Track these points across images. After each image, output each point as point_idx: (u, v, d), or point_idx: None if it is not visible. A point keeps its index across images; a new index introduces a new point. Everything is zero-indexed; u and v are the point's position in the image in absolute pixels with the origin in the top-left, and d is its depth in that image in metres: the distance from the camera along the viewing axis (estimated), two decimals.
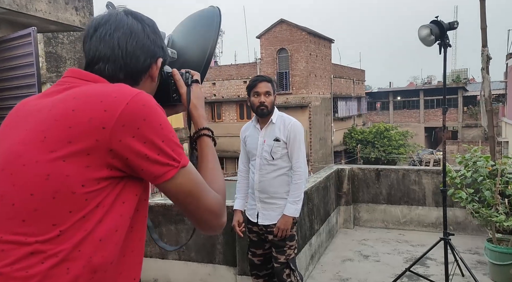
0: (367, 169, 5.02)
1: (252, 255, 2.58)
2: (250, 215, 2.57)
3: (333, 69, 23.98)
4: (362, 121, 30.22)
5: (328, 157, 22.81)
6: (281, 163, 2.46)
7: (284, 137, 2.44)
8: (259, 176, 2.48)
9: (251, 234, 2.58)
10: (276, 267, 2.44)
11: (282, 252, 2.43)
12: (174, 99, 1.01)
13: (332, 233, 4.57)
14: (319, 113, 21.87)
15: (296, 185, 2.43)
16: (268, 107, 2.45)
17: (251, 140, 2.56)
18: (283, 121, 2.49)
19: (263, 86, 2.44)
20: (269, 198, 2.47)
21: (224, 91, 22.07)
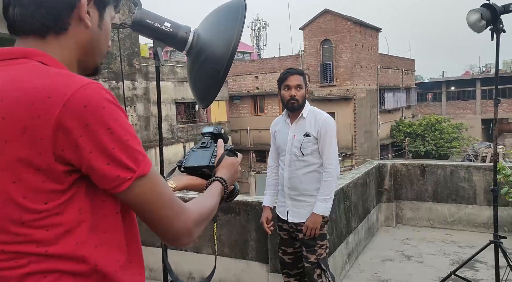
0: (411, 164, 4.75)
1: (282, 253, 2.53)
2: (280, 212, 2.51)
3: (380, 59, 23.03)
4: (411, 113, 28.82)
5: (373, 151, 22.06)
6: (311, 159, 2.37)
7: (314, 133, 2.35)
8: (288, 172, 2.41)
9: (281, 232, 2.53)
10: (307, 266, 2.37)
11: (312, 251, 2.36)
12: (211, 162, 1.10)
13: (371, 231, 4.38)
14: (365, 105, 21.16)
15: (327, 183, 2.34)
16: (299, 101, 2.36)
17: (280, 135, 2.49)
18: (314, 116, 2.39)
19: (294, 79, 2.36)
20: (299, 195, 2.40)
21: (266, 84, 22.01)
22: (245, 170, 20.45)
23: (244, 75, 22.58)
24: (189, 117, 18.09)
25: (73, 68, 0.79)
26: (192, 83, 2.28)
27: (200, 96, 2.24)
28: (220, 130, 1.23)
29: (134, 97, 14.52)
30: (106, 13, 0.83)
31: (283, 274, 2.55)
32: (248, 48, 35.45)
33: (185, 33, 2.05)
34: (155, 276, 3.49)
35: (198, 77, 2.21)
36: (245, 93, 22.60)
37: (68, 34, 0.77)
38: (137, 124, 14.59)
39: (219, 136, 1.21)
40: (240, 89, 22.69)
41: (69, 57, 0.78)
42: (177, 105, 16.93)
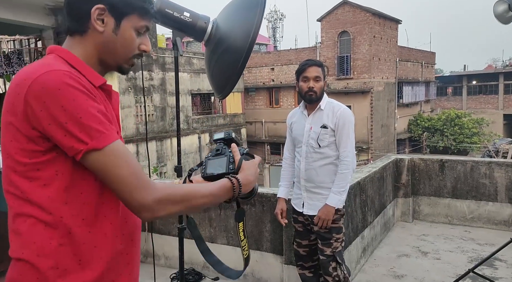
0: (429, 159, 4.65)
1: (297, 245, 2.52)
2: (296, 204, 2.49)
3: (399, 52, 22.57)
4: (430, 107, 28.25)
5: (390, 145, 21.76)
6: (328, 151, 2.34)
7: (332, 125, 2.33)
8: (305, 164, 2.39)
9: (296, 224, 2.51)
10: (322, 259, 2.36)
11: (328, 244, 2.34)
12: (229, 169, 1.11)
13: (387, 226, 4.33)
14: (382, 99, 20.83)
15: (342, 175, 2.31)
16: (317, 93, 2.33)
17: (297, 126, 2.47)
18: (332, 108, 2.36)
19: (312, 70, 2.33)
20: (315, 188, 2.38)
21: (282, 76, 21.88)
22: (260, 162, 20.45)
23: (260, 67, 22.49)
24: (205, 108, 18.17)
25: (94, 64, 0.97)
26: (210, 74, 2.28)
27: (218, 87, 2.23)
28: (231, 135, 1.21)
29: (151, 88, 14.64)
30: (124, 21, 0.96)
31: (298, 266, 2.55)
32: (265, 40, 35.22)
33: (204, 23, 2.04)
34: (170, 264, 3.55)
35: (216, 68, 2.21)
36: (261, 85, 22.52)
37: (87, 35, 0.95)
38: (153, 114, 14.73)
39: (231, 141, 1.19)
40: (255, 81, 22.62)
41: (89, 54, 0.96)
42: (192, 96, 17.01)
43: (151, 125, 14.64)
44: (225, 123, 18.78)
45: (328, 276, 2.35)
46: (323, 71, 2.36)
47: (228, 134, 1.21)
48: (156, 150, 14.71)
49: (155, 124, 14.79)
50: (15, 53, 3.81)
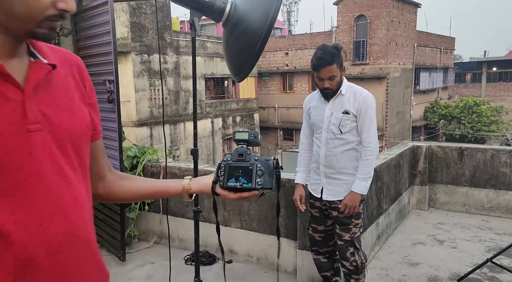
0: (448, 147, 4.55)
1: (313, 230, 2.51)
2: (313, 189, 2.46)
3: (417, 37, 21.98)
4: (448, 94, 27.62)
5: (405, 133, 21.44)
6: (349, 137, 2.29)
7: (354, 110, 2.26)
8: (325, 150, 2.33)
9: (313, 209, 2.49)
10: (340, 244, 2.35)
11: (347, 229, 2.32)
12: (257, 184, 0.94)
13: (402, 214, 4.28)
14: (398, 85, 20.43)
15: (367, 161, 2.27)
16: (334, 89, 2.28)
17: (316, 112, 2.39)
18: (353, 92, 2.29)
19: (325, 72, 2.22)
20: (335, 173, 2.34)
21: (296, 61, 21.60)
22: (272, 148, 20.47)
23: (274, 51, 22.22)
24: (218, 93, 18.12)
25: None
26: (227, 56, 2.23)
27: (235, 70, 2.19)
28: (258, 139, 1.03)
29: (165, 71, 14.63)
30: None
31: (312, 252, 2.54)
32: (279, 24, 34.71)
33: (223, 3, 1.99)
34: (184, 246, 3.59)
35: (234, 50, 2.16)
36: (274, 70, 22.30)
37: None
38: (167, 98, 14.77)
39: (256, 145, 1.04)
40: (269, 66, 22.40)
41: None
42: (206, 80, 16.96)
43: (165, 109, 14.70)
44: (238, 108, 18.74)
45: (345, 261, 2.34)
46: (338, 63, 2.22)
47: (254, 136, 1.02)
48: (170, 133, 14.80)
49: (169, 108, 14.84)
50: None
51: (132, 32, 13.36)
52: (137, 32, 13.49)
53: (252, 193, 0.95)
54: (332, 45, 2.27)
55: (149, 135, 14.02)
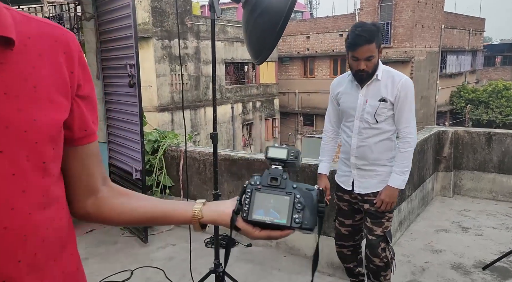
0: (475, 132, 4.39)
1: (339, 224, 2.35)
2: (343, 182, 2.28)
3: (445, 18, 21.11)
4: (476, 78, 26.58)
5: (429, 118, 20.88)
6: (385, 126, 2.09)
7: (391, 98, 2.05)
8: (357, 140, 2.13)
9: (341, 202, 2.32)
10: (371, 239, 2.16)
11: (379, 223, 2.15)
12: (295, 222, 0.72)
13: (426, 200, 4.19)
14: (423, 69, 19.80)
15: (405, 154, 2.08)
16: (369, 72, 2.05)
17: (347, 98, 2.16)
18: (391, 77, 2.07)
19: (364, 51, 1.98)
20: (368, 165, 2.15)
21: (318, 45, 21.19)
22: (292, 133, 20.36)
23: (294, 35, 21.85)
24: (238, 78, 18.06)
25: None
26: (247, 38, 2.19)
27: (255, 52, 2.14)
28: (298, 158, 0.78)
29: (185, 57, 14.66)
30: None
31: (336, 245, 2.40)
32: (300, 7, 34.03)
33: None
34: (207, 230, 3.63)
35: (254, 31, 2.11)
36: (295, 54, 21.98)
37: None
38: (188, 83, 14.84)
39: (294, 167, 0.78)
40: (290, 50, 22.08)
41: None
42: (226, 65, 16.91)
43: (185, 95, 14.78)
44: (258, 93, 18.65)
45: (375, 257, 2.17)
46: (377, 43, 2.00)
47: (295, 156, 0.77)
48: (190, 118, 14.92)
49: (189, 93, 14.92)
50: (56, 18, 3.86)
51: (153, 17, 13.40)
52: (158, 17, 13.52)
53: (285, 232, 0.74)
54: (371, 23, 2.06)
55: (170, 121, 14.18)
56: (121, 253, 3.24)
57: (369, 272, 2.23)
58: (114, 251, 3.28)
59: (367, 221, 2.18)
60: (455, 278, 2.79)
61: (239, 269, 2.98)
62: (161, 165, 3.75)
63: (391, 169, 2.13)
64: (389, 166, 2.13)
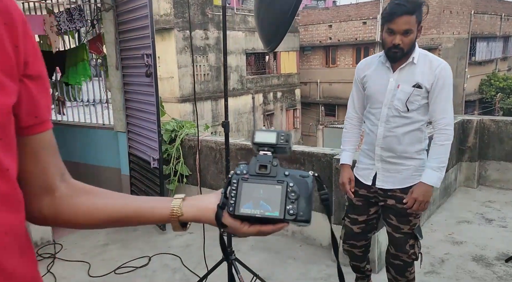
0: (502, 121, 4.21)
1: (351, 222, 2.11)
2: (362, 176, 2.07)
3: (474, 3, 20.21)
4: (508, 65, 25.41)
5: (457, 107, 20.19)
6: (416, 116, 1.89)
7: (428, 84, 1.84)
8: (384, 129, 1.92)
9: (354, 198, 2.10)
10: (398, 238, 1.99)
11: (406, 221, 1.96)
12: (288, 213, 0.65)
13: (448, 191, 4.07)
14: (451, 56, 19.09)
15: (442, 148, 1.87)
16: (404, 50, 1.82)
17: (375, 82, 1.95)
18: (428, 62, 1.87)
19: (402, 22, 1.76)
20: (395, 158, 1.94)
21: (340, 34, 20.78)
22: (313, 124, 20.17)
23: (316, 24, 21.50)
24: (259, 68, 17.99)
25: None
26: (259, 24, 2.17)
27: (267, 38, 2.12)
28: (289, 142, 0.69)
29: (207, 47, 14.71)
30: None
31: (346, 244, 2.17)
32: None
33: None
34: None
35: (266, 17, 2.09)
36: (317, 43, 21.65)
37: None
38: (209, 74, 14.90)
39: (285, 152, 0.69)
40: (312, 40, 21.76)
41: None
42: (247, 55, 16.86)
43: (206, 85, 14.87)
44: (279, 83, 18.53)
45: (403, 253, 2.01)
46: (418, 17, 1.79)
47: (285, 139, 0.68)
48: (211, 109, 15.02)
49: (210, 84, 14.99)
50: (77, 9, 3.94)
51: (175, 8, 13.48)
52: (180, 8, 13.59)
53: (278, 226, 0.67)
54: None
55: (192, 111, 14.32)
56: (140, 240, 3.32)
57: (391, 268, 2.08)
58: (133, 238, 3.37)
59: (391, 218, 1.99)
60: (476, 270, 2.71)
61: (254, 257, 3.00)
62: (179, 154, 3.79)
63: (420, 163, 1.94)
64: (418, 159, 1.94)
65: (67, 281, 2.78)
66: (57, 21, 3.95)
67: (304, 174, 0.68)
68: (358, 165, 2.13)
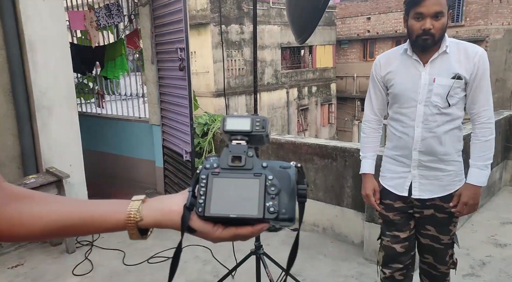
0: None
1: (392, 241, 1.85)
2: (395, 186, 1.83)
3: None
4: None
5: (505, 102, 18.98)
6: (456, 111, 1.71)
7: (467, 74, 1.67)
8: (422, 130, 1.72)
9: (390, 213, 1.84)
10: (438, 249, 1.82)
11: (447, 231, 1.79)
12: (268, 211, 0.55)
13: (492, 191, 3.84)
14: (500, 49, 17.95)
15: (488, 143, 1.72)
16: (436, 36, 1.61)
17: (404, 78, 1.74)
18: (463, 50, 1.68)
19: (432, 3, 1.58)
20: (435, 162, 1.74)
21: (379, 26, 20.11)
22: (349, 119, 19.74)
23: (354, 17, 20.93)
24: (294, 62, 17.82)
25: None
26: (290, 15, 2.13)
27: (299, 30, 2.08)
28: (266, 128, 0.60)
29: (242, 42, 14.75)
30: None
31: (384, 267, 1.89)
32: None
33: None
34: None
35: (297, 9, 2.05)
36: (354, 37, 21.09)
37: None
38: (243, 68, 14.95)
39: (261, 141, 0.61)
40: (349, 33, 21.23)
41: None
42: (282, 50, 16.73)
43: (241, 80, 14.93)
44: (314, 78, 18.27)
45: (443, 265, 1.85)
46: (448, 1, 1.63)
47: (261, 126, 0.60)
48: (246, 103, 15.08)
49: (245, 78, 15.04)
50: (115, 4, 4.06)
51: (211, 3, 13.60)
52: (216, 3, 13.69)
53: (257, 228, 0.56)
54: None
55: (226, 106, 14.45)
56: (172, 231, 3.37)
57: (426, 278, 1.91)
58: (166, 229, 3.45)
59: (429, 229, 1.81)
60: None
61: (284, 252, 2.97)
62: (211, 147, 3.83)
63: (460, 166, 1.78)
64: (458, 162, 1.77)
65: (103, 268, 2.89)
66: (97, 17, 4.10)
67: (285, 165, 0.59)
68: (385, 174, 1.89)
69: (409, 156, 1.77)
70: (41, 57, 3.02)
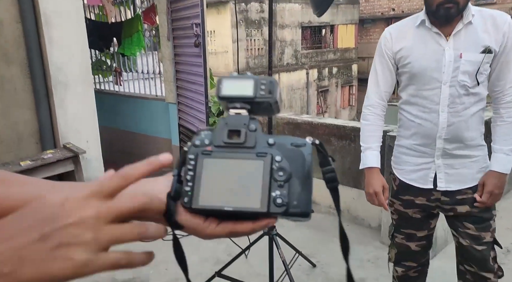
0: None
1: (407, 238, 1.69)
2: (416, 179, 1.62)
3: None
4: None
5: None
6: (483, 90, 1.51)
7: (497, 46, 1.45)
8: (448, 115, 1.50)
9: (409, 210, 1.66)
10: (481, 251, 1.58)
11: (487, 227, 1.57)
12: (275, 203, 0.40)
13: None
14: None
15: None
16: (460, 4, 1.39)
17: (423, 55, 1.50)
18: (490, 19, 1.46)
19: None
20: (463, 148, 1.54)
21: (405, 4, 19.33)
22: None
23: None
24: (315, 42, 17.41)
25: None
26: None
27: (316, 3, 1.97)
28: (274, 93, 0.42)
29: (261, 21, 14.47)
30: None
31: (397, 265, 1.77)
32: None
33: None
34: None
35: None
36: (378, 15, 20.38)
37: None
38: (263, 48, 14.72)
39: (269, 107, 0.44)
40: (373, 11, 20.52)
41: None
42: (302, 29, 16.35)
43: (260, 60, 14.73)
44: (335, 58, 17.85)
45: (489, 272, 1.60)
46: None
47: (268, 90, 0.42)
48: None
49: (264, 58, 14.83)
50: None
51: None
52: None
53: (260, 224, 0.42)
54: None
55: None
56: None
57: None
58: None
59: (468, 227, 1.59)
60: None
61: (299, 233, 2.94)
62: None
63: (486, 150, 1.60)
64: (484, 145, 1.58)
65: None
66: None
67: (299, 142, 0.43)
68: (403, 167, 1.66)
69: (432, 144, 1.55)
70: (57, 32, 2.99)
